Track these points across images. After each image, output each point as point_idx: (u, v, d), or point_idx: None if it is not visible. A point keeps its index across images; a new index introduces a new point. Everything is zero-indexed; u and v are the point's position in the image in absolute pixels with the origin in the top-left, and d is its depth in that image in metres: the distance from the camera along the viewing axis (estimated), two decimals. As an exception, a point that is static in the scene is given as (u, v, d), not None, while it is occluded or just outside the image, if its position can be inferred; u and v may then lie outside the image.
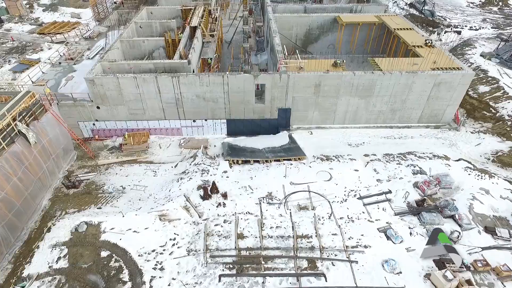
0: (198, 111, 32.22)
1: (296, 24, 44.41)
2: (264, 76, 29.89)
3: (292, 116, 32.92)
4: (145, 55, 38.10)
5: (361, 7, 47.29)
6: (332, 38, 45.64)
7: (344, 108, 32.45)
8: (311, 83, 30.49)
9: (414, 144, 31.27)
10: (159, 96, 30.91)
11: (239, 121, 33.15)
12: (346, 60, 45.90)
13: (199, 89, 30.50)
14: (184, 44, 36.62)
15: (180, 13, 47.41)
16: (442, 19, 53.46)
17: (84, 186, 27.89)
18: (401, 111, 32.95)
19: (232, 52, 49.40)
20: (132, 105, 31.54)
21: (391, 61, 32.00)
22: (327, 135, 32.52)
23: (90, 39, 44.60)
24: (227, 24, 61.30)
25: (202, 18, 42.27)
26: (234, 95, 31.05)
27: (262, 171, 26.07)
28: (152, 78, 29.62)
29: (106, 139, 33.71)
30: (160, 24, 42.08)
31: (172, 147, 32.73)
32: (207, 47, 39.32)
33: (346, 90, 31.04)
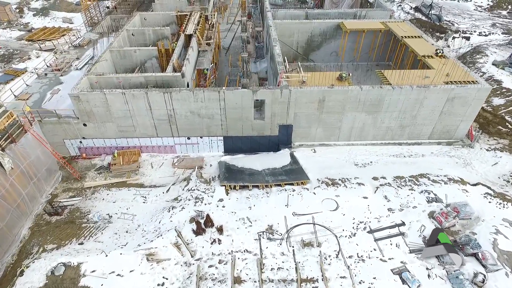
0: (192, 128, 29.90)
1: (297, 31, 42.05)
2: (263, 92, 27.57)
3: (294, 133, 30.60)
4: (137, 66, 35.72)
5: (366, 12, 44.94)
6: (335, 46, 43.29)
7: (349, 124, 30.13)
8: (314, 99, 28.17)
9: (425, 163, 28.97)
10: (150, 112, 28.59)
11: (237, 138, 30.84)
12: (350, 68, 43.82)
13: (194, 105, 28.17)
14: (178, 54, 34.28)
15: (175, 19, 45.03)
16: (449, 24, 51.11)
17: (68, 213, 25.57)
18: (411, 127, 30.64)
19: (230, 59, 47.05)
20: (121, 122, 29.22)
21: (400, 74, 29.66)
22: (331, 154, 30.20)
23: (80, 48, 42.21)
24: (225, 29, 58.97)
25: (198, 25, 39.94)
26: (231, 111, 28.73)
27: (261, 199, 23.74)
28: (142, 94, 27.29)
29: (94, 158, 31.39)
30: (153, 31, 39.71)
31: (165, 167, 30.41)
32: (203, 57, 36.98)
33: (352, 105, 28.72)
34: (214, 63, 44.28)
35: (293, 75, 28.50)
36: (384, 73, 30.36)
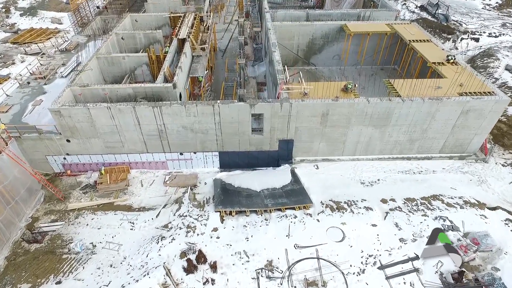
0: (185, 143, 27.64)
1: (297, 34, 39.61)
2: (262, 105, 25.26)
3: (295, 148, 28.37)
4: (126, 73, 33.32)
5: (370, 13, 42.46)
6: (337, 48, 40.88)
7: (355, 138, 27.90)
8: (317, 112, 25.90)
9: (437, 181, 26.83)
10: (138, 128, 26.30)
11: (234, 154, 28.61)
12: (353, 73, 41.51)
13: (186, 120, 25.88)
14: (170, 61, 31.86)
15: (168, 20, 42.49)
16: (457, 24, 48.64)
17: (49, 240, 23.38)
18: (421, 141, 28.42)
19: (226, 63, 44.60)
20: (107, 138, 26.93)
21: (410, 84, 27.35)
22: (335, 170, 28.01)
23: (67, 52, 39.67)
24: (222, 29, 56.37)
25: (192, 28, 37.44)
26: (227, 125, 26.45)
27: (260, 228, 21.56)
28: (129, 108, 24.97)
29: (79, 175, 29.15)
30: (144, 35, 37.22)
31: (156, 185, 28.19)
32: (197, 63, 34.55)
33: (358, 119, 26.46)
34: (210, 67, 41.87)
35: (294, 87, 26.16)
36: (392, 82, 28.02)
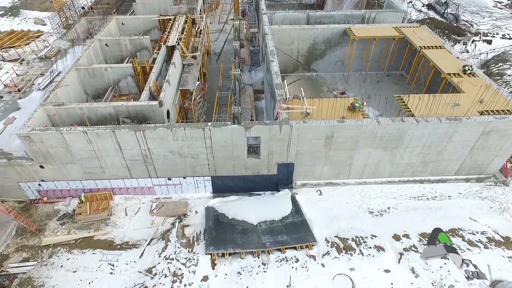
0: (173, 168, 24.78)
1: (297, 38, 36.50)
2: (258, 128, 22.35)
3: (295, 171, 25.56)
4: (109, 85, 30.30)
5: (375, 14, 39.30)
6: (341, 54, 37.84)
7: (362, 161, 25.10)
8: (321, 135, 23.03)
9: (454, 209, 24.14)
10: (120, 152, 23.40)
11: (228, 178, 25.79)
12: (358, 80, 38.53)
13: (173, 144, 22.98)
14: (157, 72, 28.85)
15: (157, 23, 39.28)
16: (468, 24, 45.51)
17: (17, 285, 20.63)
18: (435, 163, 25.65)
19: (221, 69, 41.49)
20: (86, 164, 24.04)
21: (424, 101, 24.43)
22: (340, 196, 25.26)
23: (46, 59, 36.50)
24: (217, 30, 53.15)
25: (183, 33, 34.28)
26: (219, 149, 23.58)
27: (257, 276, 18.84)
28: (108, 133, 22.02)
29: (58, 201, 26.34)
30: (130, 41, 34.08)
31: (142, 213, 25.41)
32: (188, 73, 31.51)
33: (366, 141, 23.62)
34: (203, 73, 38.80)
35: (295, 106, 23.21)
36: (404, 98, 25.09)
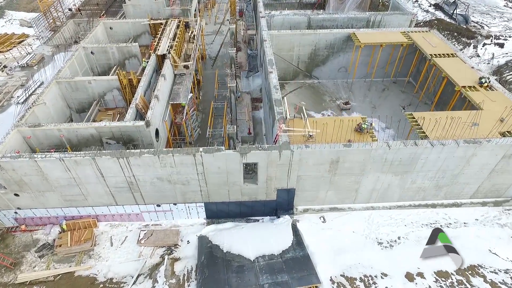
0: (162, 195, 22.53)
1: (298, 44, 34.02)
2: (256, 154, 20.05)
3: (296, 197, 23.34)
4: (94, 99, 27.92)
5: (381, 17, 36.76)
6: (344, 60, 35.40)
7: (370, 186, 22.86)
8: (325, 160, 20.75)
9: (471, 239, 21.99)
10: (102, 180, 21.11)
11: (223, 204, 23.56)
12: (362, 88, 36.14)
13: (161, 171, 20.69)
14: (145, 85, 26.48)
15: (148, 27, 36.72)
16: (478, 26, 42.98)
17: (-13, 333, 18.50)
18: (450, 187, 23.43)
19: (216, 75, 38.99)
20: (65, 191, 21.78)
21: (439, 119, 22.12)
22: (346, 224, 23.09)
23: (29, 68, 34.01)
24: (213, 31, 50.50)
25: (175, 39, 31.78)
26: (213, 176, 21.32)
27: (254, 329, 16.75)
28: (88, 160, 19.70)
29: (37, 230, 24.11)
30: (118, 49, 31.58)
31: (129, 243, 23.24)
32: (180, 84, 29.11)
33: (375, 166, 21.36)
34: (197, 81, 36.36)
35: (296, 128, 20.85)
36: (416, 117, 22.74)
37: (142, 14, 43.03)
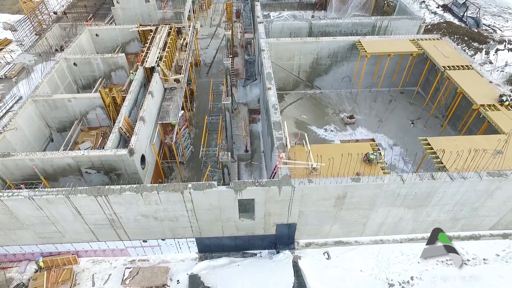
0: (148, 231, 20.22)
1: (299, 53, 31.48)
2: (252, 190, 17.69)
3: (298, 230, 21.05)
4: (75, 118, 25.45)
5: (388, 22, 34.16)
6: (348, 69, 32.90)
7: (380, 219, 20.58)
8: (331, 196, 18.43)
9: (492, 279, 19.86)
10: (80, 217, 18.75)
11: (216, 239, 21.25)
12: (367, 99, 33.67)
13: (145, 208, 18.34)
14: (131, 104, 24.02)
15: (137, 34, 34.08)
16: (490, 29, 40.40)
17: None
18: (468, 219, 21.17)
19: (211, 85, 36.46)
20: (39, 229, 19.46)
21: (458, 145, 19.77)
22: (353, 262, 20.85)
23: (7, 80, 31.41)
24: (208, 34, 47.82)
25: (165, 49, 29.22)
26: (204, 212, 18.99)
27: None
28: (61, 199, 17.33)
29: (11, 267, 21.81)
30: (103, 60, 29.02)
31: (113, 283, 21.00)
32: (170, 100, 26.64)
33: (387, 200, 19.04)
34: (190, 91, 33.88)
35: (298, 162, 18.42)
36: (432, 144, 20.33)
37: (132, 18, 40.46)
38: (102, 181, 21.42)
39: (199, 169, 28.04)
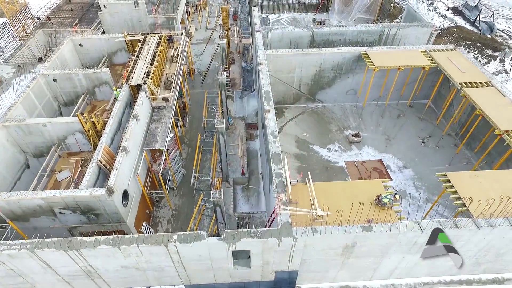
0: (131, 280, 17.85)
1: (300, 65, 28.94)
2: (248, 242, 15.28)
3: (300, 276, 18.68)
4: (53, 143, 22.98)
5: (396, 30, 31.49)
6: (353, 82, 30.38)
7: (392, 265, 18.25)
8: (338, 245, 16.08)
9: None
10: (50, 270, 16.37)
11: (209, 285, 18.91)
12: (374, 114, 31.16)
13: (125, 260, 15.95)
14: (114, 130, 21.53)
15: (124, 44, 31.44)
16: (504, 35, 37.73)
17: None
18: (492, 263, 18.79)
19: (205, 98, 33.89)
20: (5, 281, 17.06)
21: (481, 182, 17.38)
22: (362, 311, 18.46)
23: (-18, 96, 28.91)
24: (203, 39, 45.09)
25: (154, 63, 26.65)
26: (193, 263, 16.63)
27: None
28: (26, 253, 14.92)
29: (-22, 316, 19.41)
30: (85, 76, 26.45)
31: (92, 335, 18.56)
32: (158, 121, 24.14)
33: (401, 248, 16.67)
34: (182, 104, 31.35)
35: (300, 210, 15.93)
36: (453, 181, 17.89)
37: (121, 23, 37.83)
38: (79, 221, 19.07)
39: (191, 196, 25.67)
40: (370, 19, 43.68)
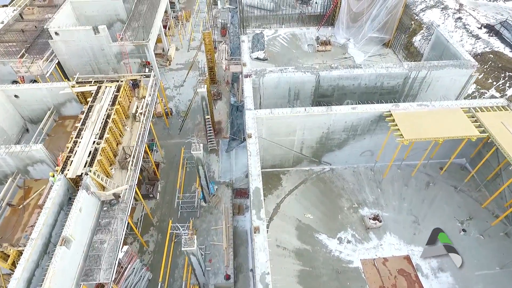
0: None
1: (302, 127, 21.94)
2: None
3: None
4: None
5: (426, 73, 24.17)
6: (371, 143, 23.43)
7: None
8: None
9: None
10: None
11: None
12: (396, 182, 24.21)
13: None
14: (40, 253, 14.80)
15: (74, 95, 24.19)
16: (554, 65, 30.41)
17: None
18: None
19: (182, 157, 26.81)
20: None
21: None
22: None
23: None
24: (184, 64, 37.56)
25: (106, 130, 19.62)
26: None
27: None
28: None
29: None
30: (10, 155, 19.40)
31: None
32: (105, 229, 17.47)
33: None
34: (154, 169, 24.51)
35: None
36: None
37: (79, 53, 30.66)
38: None
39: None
40: (385, 38, 36.19)
